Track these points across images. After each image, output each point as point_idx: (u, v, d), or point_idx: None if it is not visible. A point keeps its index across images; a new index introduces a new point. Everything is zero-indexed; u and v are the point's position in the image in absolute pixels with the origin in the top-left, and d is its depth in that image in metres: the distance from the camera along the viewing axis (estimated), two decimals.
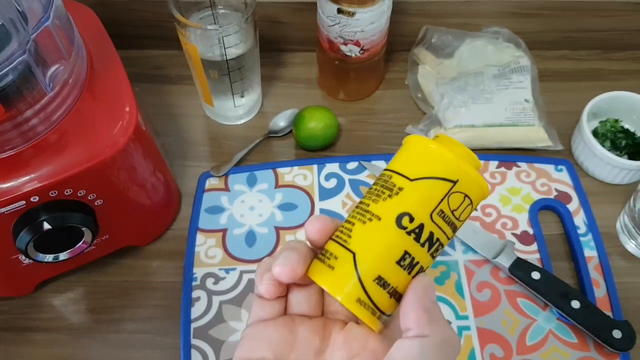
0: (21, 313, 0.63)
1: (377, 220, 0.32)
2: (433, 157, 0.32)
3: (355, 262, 0.31)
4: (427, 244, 0.32)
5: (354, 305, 0.32)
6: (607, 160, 0.68)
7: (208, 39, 0.65)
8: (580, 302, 0.59)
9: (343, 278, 0.32)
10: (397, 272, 0.32)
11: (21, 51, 0.46)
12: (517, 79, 0.75)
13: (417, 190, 0.32)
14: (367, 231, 0.32)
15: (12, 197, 0.49)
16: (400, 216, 0.31)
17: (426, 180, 0.32)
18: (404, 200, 0.32)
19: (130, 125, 0.54)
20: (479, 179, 0.32)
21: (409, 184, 0.32)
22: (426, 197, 0.32)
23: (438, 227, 0.32)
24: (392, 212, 0.32)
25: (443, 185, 0.32)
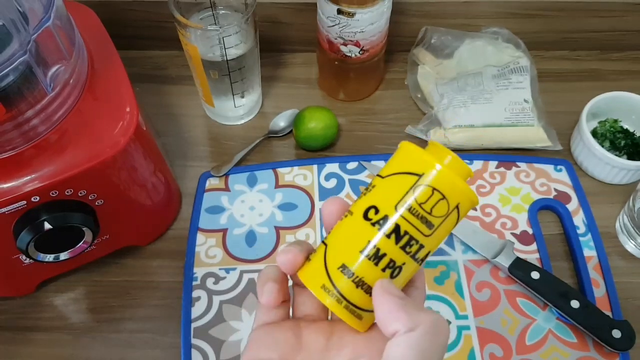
0: (22, 313, 0.63)
1: (350, 215, 0.34)
2: (403, 154, 0.34)
3: (325, 253, 0.33)
4: (393, 235, 0.32)
5: (318, 291, 0.33)
6: (606, 160, 0.68)
7: (208, 40, 0.65)
8: (580, 301, 0.59)
9: (314, 267, 0.34)
10: (363, 263, 0.32)
11: (22, 51, 0.46)
12: (516, 80, 0.75)
13: (384, 185, 0.33)
14: (341, 225, 0.34)
15: (13, 197, 0.49)
16: (367, 209, 0.33)
17: (393, 176, 0.33)
18: (373, 195, 0.33)
19: (130, 126, 0.54)
20: (450, 174, 0.32)
21: (380, 181, 0.34)
22: (391, 190, 0.33)
23: (405, 219, 0.32)
24: (361, 207, 0.33)
25: (407, 178, 0.32)
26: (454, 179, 0.32)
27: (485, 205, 0.69)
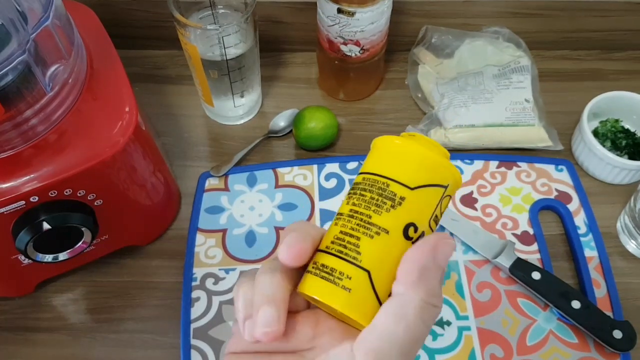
0: (21, 313, 0.63)
1: (385, 233, 0.31)
2: (430, 163, 0.32)
3: (372, 281, 0.30)
4: None
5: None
6: (607, 160, 0.68)
7: (208, 39, 0.65)
8: (581, 302, 0.59)
9: (363, 300, 0.30)
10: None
11: (21, 51, 0.46)
12: (517, 79, 0.75)
13: (418, 199, 0.31)
14: (378, 246, 0.31)
15: (11, 197, 0.49)
16: (407, 227, 0.31)
17: (425, 189, 0.32)
18: (408, 210, 0.31)
19: (130, 125, 0.54)
20: (460, 177, 0.33)
21: (410, 193, 0.31)
22: (426, 205, 0.32)
23: (431, 230, 0.32)
24: (398, 224, 0.31)
25: (438, 191, 0.32)
26: (460, 180, 0.33)
27: (486, 206, 0.69)
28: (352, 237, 0.31)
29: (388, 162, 0.33)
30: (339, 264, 0.31)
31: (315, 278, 0.31)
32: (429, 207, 0.32)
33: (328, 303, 0.31)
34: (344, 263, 0.31)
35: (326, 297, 0.31)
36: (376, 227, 0.31)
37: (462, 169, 0.72)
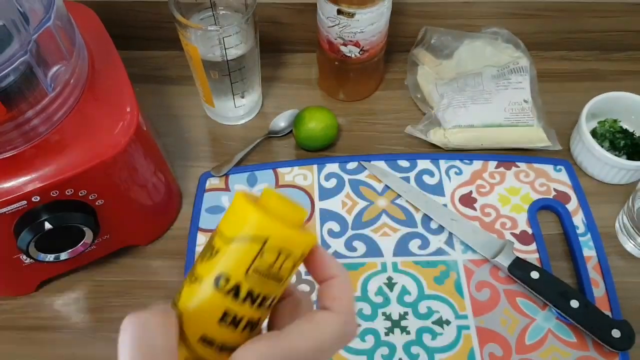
0: (23, 312, 0.63)
1: (198, 282, 0.32)
2: (241, 214, 0.33)
3: (182, 323, 0.32)
4: (248, 300, 0.32)
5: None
6: (605, 161, 0.68)
7: (208, 40, 0.65)
8: (580, 301, 0.59)
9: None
10: (222, 330, 0.32)
11: (22, 52, 0.46)
12: (516, 80, 0.75)
13: (230, 251, 0.32)
14: (191, 292, 0.32)
15: (13, 197, 0.49)
16: (217, 278, 0.32)
17: (238, 241, 0.32)
18: (220, 261, 0.32)
19: (131, 126, 0.54)
20: (293, 233, 0.32)
21: (224, 245, 0.32)
22: (238, 257, 0.32)
23: (257, 282, 0.32)
24: (210, 274, 0.32)
25: (253, 244, 0.32)
26: (295, 236, 0.32)
27: (484, 205, 0.69)
28: (184, 281, 0.34)
29: (224, 215, 0.34)
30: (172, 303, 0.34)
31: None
32: (243, 259, 0.32)
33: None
34: (172, 303, 0.34)
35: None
36: (195, 274, 0.33)
37: (462, 169, 0.72)
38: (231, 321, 0.32)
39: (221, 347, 0.32)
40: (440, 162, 0.73)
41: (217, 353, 0.32)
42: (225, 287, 0.32)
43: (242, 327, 0.32)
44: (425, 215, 0.68)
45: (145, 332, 0.29)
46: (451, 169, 0.72)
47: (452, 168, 0.72)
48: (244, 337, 0.33)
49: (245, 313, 0.32)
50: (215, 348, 0.32)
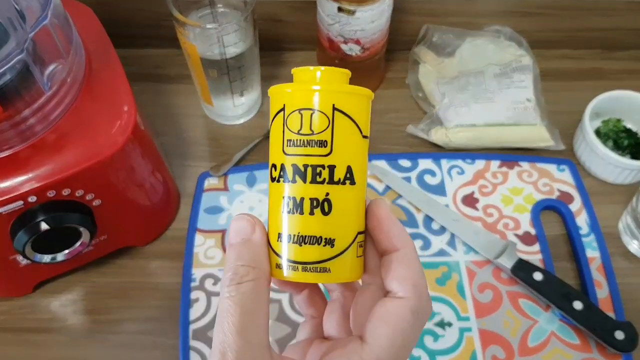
0: (19, 314, 0.62)
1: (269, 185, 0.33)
2: (270, 99, 0.33)
3: (267, 234, 0.32)
4: (296, 177, 0.31)
5: (276, 272, 0.32)
6: (609, 160, 0.68)
7: (207, 38, 0.65)
8: (583, 303, 0.58)
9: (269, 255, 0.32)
10: (290, 220, 0.31)
11: (19, 50, 0.46)
12: (518, 78, 0.75)
13: (270, 140, 0.32)
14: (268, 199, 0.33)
15: (9, 197, 0.49)
16: (270, 171, 0.32)
17: (271, 126, 0.32)
18: (270, 156, 0.32)
19: (128, 125, 0.54)
20: (300, 86, 0.31)
21: (269, 141, 0.33)
22: (273, 139, 0.32)
23: (296, 155, 0.31)
24: (269, 173, 0.32)
25: (277, 120, 0.31)
26: (305, 88, 0.31)
27: (487, 206, 0.68)
28: None
29: None
30: None
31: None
32: (276, 139, 0.31)
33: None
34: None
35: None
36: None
37: (464, 169, 0.71)
38: (293, 206, 0.31)
39: (297, 239, 0.31)
40: (442, 161, 0.72)
41: (298, 247, 0.31)
42: (276, 174, 0.31)
43: (307, 210, 0.31)
44: (426, 216, 0.67)
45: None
46: (453, 168, 0.71)
47: (454, 168, 0.71)
48: (318, 223, 0.31)
49: (302, 193, 0.31)
50: (293, 242, 0.31)
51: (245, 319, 0.29)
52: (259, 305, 0.30)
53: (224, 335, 0.28)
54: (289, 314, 0.61)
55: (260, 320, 0.30)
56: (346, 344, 0.31)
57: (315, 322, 0.36)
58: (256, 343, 0.29)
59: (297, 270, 0.31)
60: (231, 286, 0.30)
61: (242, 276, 0.30)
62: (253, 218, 0.32)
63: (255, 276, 0.30)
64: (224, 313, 0.29)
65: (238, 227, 0.32)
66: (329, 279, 0.31)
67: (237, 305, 0.29)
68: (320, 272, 0.31)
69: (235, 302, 0.29)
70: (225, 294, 0.30)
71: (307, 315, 0.36)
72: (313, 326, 0.36)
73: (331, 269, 0.31)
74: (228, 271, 0.30)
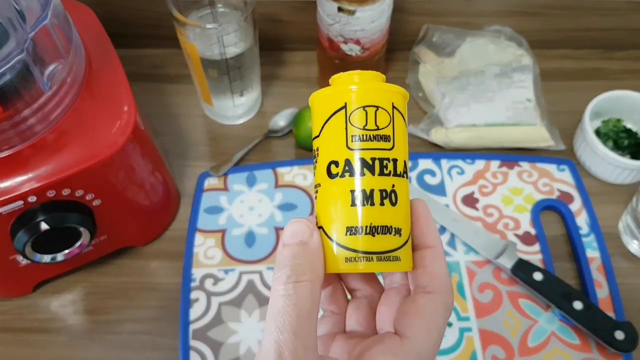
0: (19, 314, 0.62)
1: (319, 187, 0.33)
2: (318, 103, 0.33)
3: (326, 233, 0.32)
4: (365, 170, 0.32)
5: (347, 266, 0.32)
6: (609, 160, 0.67)
7: (207, 38, 0.65)
8: (583, 303, 0.58)
9: (329, 252, 0.32)
10: (362, 212, 0.31)
11: (19, 50, 0.46)
12: (518, 78, 0.75)
13: (325, 140, 0.33)
14: (319, 201, 0.33)
15: (9, 197, 0.49)
16: (328, 169, 0.32)
17: (325, 127, 0.33)
18: (322, 156, 0.33)
19: (128, 125, 0.54)
20: (364, 85, 0.32)
21: (319, 141, 0.33)
22: (333, 138, 0.32)
23: (364, 150, 0.32)
24: (322, 172, 0.33)
25: (337, 118, 0.32)
26: (371, 86, 0.32)
27: (487, 206, 0.68)
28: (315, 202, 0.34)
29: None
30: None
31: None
32: (338, 136, 0.32)
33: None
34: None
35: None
36: (315, 185, 0.33)
37: (464, 169, 0.71)
38: (364, 198, 0.31)
39: (370, 229, 0.31)
40: (442, 161, 0.72)
41: (371, 238, 0.31)
42: (339, 170, 0.32)
43: (378, 201, 0.32)
44: None
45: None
46: (453, 168, 0.71)
47: (454, 168, 0.71)
48: (388, 212, 0.32)
49: (372, 185, 0.32)
50: (366, 233, 0.31)
51: (301, 320, 0.29)
52: (313, 308, 0.30)
53: (279, 334, 0.28)
54: None
55: (313, 323, 0.30)
56: (384, 339, 0.32)
57: (336, 318, 0.36)
58: (310, 347, 0.29)
59: (372, 261, 0.32)
60: (289, 284, 0.30)
61: (299, 274, 0.30)
62: (311, 223, 0.32)
63: (312, 277, 0.30)
64: (280, 312, 0.29)
65: (295, 230, 0.32)
66: (400, 267, 0.32)
67: (295, 306, 0.29)
68: (393, 261, 0.32)
69: (293, 302, 0.29)
70: (281, 291, 0.29)
71: (327, 311, 0.36)
72: (334, 322, 0.36)
73: (401, 257, 0.32)
74: (283, 268, 0.30)
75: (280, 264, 0.31)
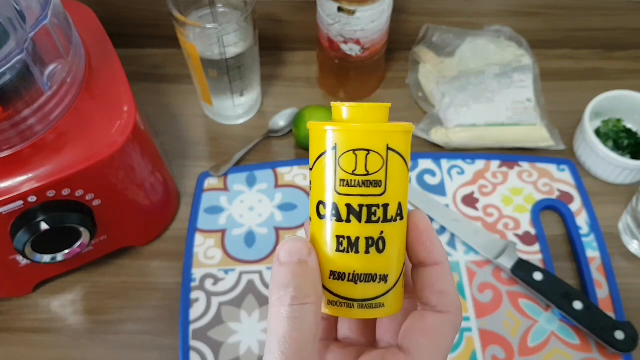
0: (19, 314, 0.62)
1: (310, 221, 0.32)
2: (313, 136, 0.32)
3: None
4: (352, 217, 0.30)
5: (330, 309, 0.31)
6: (609, 160, 0.67)
7: (207, 38, 0.65)
8: (583, 303, 0.58)
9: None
10: (346, 259, 0.31)
11: (19, 50, 0.46)
12: (519, 78, 0.75)
13: (316, 176, 0.32)
14: (310, 234, 0.32)
15: (9, 197, 0.49)
16: (317, 208, 0.31)
17: (317, 163, 0.31)
18: (314, 190, 0.32)
19: (128, 125, 0.54)
20: (354, 128, 0.30)
21: (312, 174, 0.32)
22: (322, 177, 0.31)
23: (351, 195, 0.30)
24: (313, 208, 0.32)
25: (328, 157, 0.31)
26: (364, 128, 0.31)
27: (487, 206, 0.68)
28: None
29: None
30: None
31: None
32: (326, 177, 0.31)
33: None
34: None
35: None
36: (310, 217, 0.32)
37: (464, 169, 0.71)
38: (348, 246, 0.31)
39: (354, 277, 0.31)
40: (442, 161, 0.72)
41: (353, 285, 0.31)
42: (325, 212, 0.31)
43: (363, 250, 0.31)
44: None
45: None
46: (453, 168, 0.71)
47: (454, 168, 0.71)
48: (373, 261, 0.31)
49: (358, 233, 0.31)
50: (348, 280, 0.31)
51: (307, 345, 0.28)
52: (317, 331, 0.29)
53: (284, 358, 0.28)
54: None
55: (316, 346, 0.29)
56: (386, 355, 0.31)
57: (326, 323, 0.35)
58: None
59: (352, 308, 0.31)
60: (294, 306, 0.29)
61: (304, 296, 0.29)
62: (307, 242, 0.31)
63: (315, 300, 0.30)
64: (285, 337, 0.28)
65: (293, 248, 0.30)
66: (383, 313, 0.32)
67: (301, 331, 0.28)
68: (375, 308, 0.31)
69: (299, 327, 0.28)
70: (285, 313, 0.29)
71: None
72: (324, 327, 0.35)
73: (385, 303, 0.32)
74: (286, 288, 0.29)
75: (280, 283, 0.30)
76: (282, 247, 0.31)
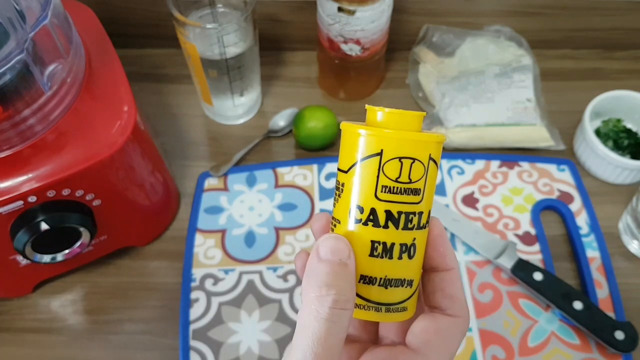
0: (19, 314, 0.62)
1: (338, 224, 0.32)
2: (351, 139, 0.32)
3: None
4: (390, 223, 0.31)
5: (356, 312, 0.31)
6: (609, 160, 0.67)
7: (207, 38, 0.65)
8: (583, 303, 0.58)
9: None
10: (379, 264, 0.31)
11: (19, 50, 0.46)
12: (519, 78, 0.75)
13: (352, 181, 0.31)
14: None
15: (9, 197, 0.49)
16: (351, 212, 0.31)
17: (357, 167, 0.31)
18: (348, 194, 0.31)
19: (128, 125, 0.54)
20: (404, 135, 0.31)
21: (346, 177, 0.32)
22: (362, 182, 0.31)
23: (392, 202, 0.31)
24: (344, 211, 0.31)
25: (370, 163, 0.31)
26: (412, 137, 0.31)
27: (487, 206, 0.68)
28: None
29: (340, 152, 0.33)
30: None
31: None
32: (368, 182, 0.31)
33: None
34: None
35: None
36: (335, 220, 0.32)
37: (464, 169, 0.71)
38: (382, 251, 0.31)
39: (384, 282, 0.31)
40: (442, 161, 0.72)
41: (384, 290, 0.31)
42: (362, 216, 0.31)
43: (397, 255, 0.31)
44: None
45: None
46: (453, 168, 0.71)
47: (454, 168, 0.71)
48: (404, 266, 0.31)
49: (394, 239, 0.31)
50: (379, 285, 0.31)
51: (337, 350, 0.29)
52: (345, 335, 0.29)
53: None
54: (289, 314, 0.61)
55: (340, 350, 0.29)
56: (396, 354, 0.32)
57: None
58: None
59: (380, 312, 0.31)
60: (335, 310, 0.28)
61: (345, 301, 0.29)
62: (349, 243, 0.31)
63: (352, 306, 0.30)
64: (320, 339, 0.28)
65: (335, 247, 0.30)
66: (405, 316, 0.32)
67: (337, 336, 0.28)
68: (400, 312, 0.32)
69: (336, 332, 0.28)
70: (324, 314, 0.28)
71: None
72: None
73: (408, 307, 0.32)
74: (329, 288, 0.29)
75: (321, 281, 0.29)
76: (323, 243, 0.30)
